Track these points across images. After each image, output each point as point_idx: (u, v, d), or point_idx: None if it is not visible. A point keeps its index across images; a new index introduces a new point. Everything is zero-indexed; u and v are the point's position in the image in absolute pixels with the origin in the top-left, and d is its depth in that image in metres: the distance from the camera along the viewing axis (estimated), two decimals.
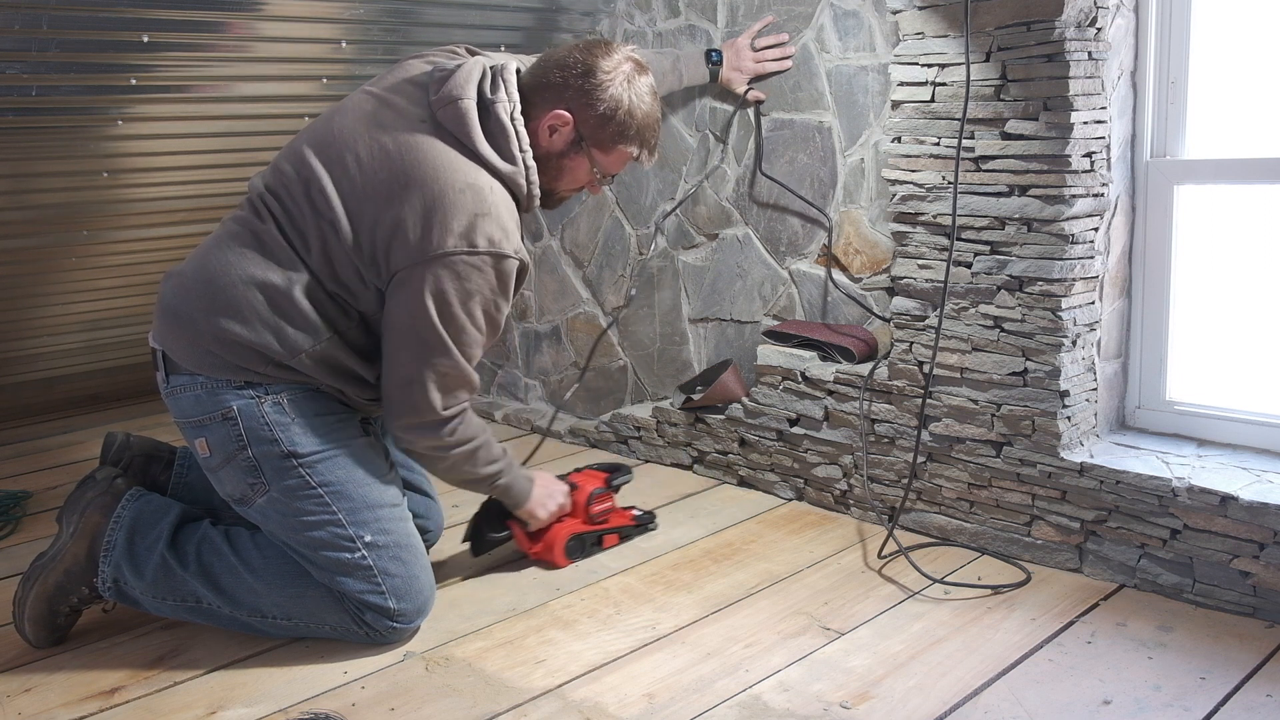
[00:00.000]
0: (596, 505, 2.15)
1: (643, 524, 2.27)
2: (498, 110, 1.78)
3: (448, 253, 1.70)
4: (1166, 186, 2.01)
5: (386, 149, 1.75)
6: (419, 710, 1.63)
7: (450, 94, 1.76)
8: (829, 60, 2.33)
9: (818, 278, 2.44)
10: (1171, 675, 1.65)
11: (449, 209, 1.70)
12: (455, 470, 1.90)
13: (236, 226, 1.82)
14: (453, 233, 1.70)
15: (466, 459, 1.88)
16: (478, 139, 1.75)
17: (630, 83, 1.83)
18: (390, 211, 1.72)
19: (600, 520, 2.17)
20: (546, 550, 2.11)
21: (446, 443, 1.84)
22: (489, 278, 1.74)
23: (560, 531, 2.10)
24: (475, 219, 1.71)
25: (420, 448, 1.85)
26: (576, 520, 2.14)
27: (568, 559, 2.11)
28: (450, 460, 1.87)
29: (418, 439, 1.84)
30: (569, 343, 3.08)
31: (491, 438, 1.93)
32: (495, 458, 1.93)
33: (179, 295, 1.81)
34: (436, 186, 1.71)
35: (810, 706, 1.60)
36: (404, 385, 1.78)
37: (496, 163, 1.76)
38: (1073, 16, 1.86)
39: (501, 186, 1.77)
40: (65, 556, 1.80)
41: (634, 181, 2.79)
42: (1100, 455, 1.97)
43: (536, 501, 2.05)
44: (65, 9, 2.04)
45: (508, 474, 1.97)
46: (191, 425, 1.80)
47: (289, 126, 2.62)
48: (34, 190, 2.55)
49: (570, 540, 2.11)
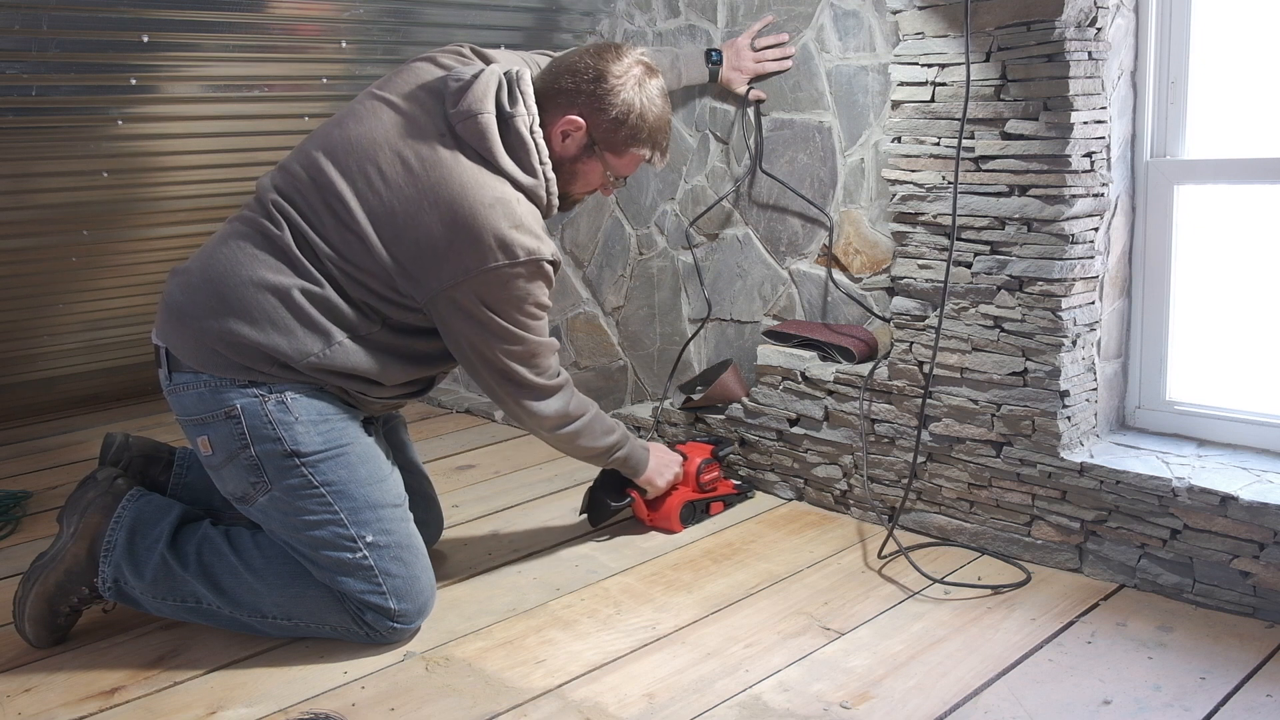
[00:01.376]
0: (706, 474, 2.31)
1: (743, 492, 2.42)
2: (517, 124, 1.79)
3: (490, 268, 1.75)
4: (1166, 186, 2.01)
5: (409, 164, 1.76)
6: (419, 710, 1.63)
7: (469, 108, 1.77)
8: (829, 60, 2.33)
9: (818, 278, 2.44)
10: (1171, 675, 1.65)
11: (482, 226, 1.73)
12: (576, 444, 2.01)
13: (245, 227, 1.82)
14: (491, 248, 1.74)
15: (584, 431, 2.00)
16: (499, 154, 1.77)
17: (641, 86, 1.85)
18: (423, 231, 1.74)
19: (710, 489, 2.33)
20: (664, 518, 2.26)
21: (570, 414, 1.96)
22: (532, 281, 1.80)
23: (675, 499, 2.25)
24: (509, 232, 1.74)
25: (548, 427, 1.96)
26: (688, 489, 2.29)
27: (682, 525, 2.27)
28: (573, 434, 1.99)
29: (543, 419, 1.93)
30: (569, 343, 3.08)
31: (603, 413, 2.05)
32: (611, 428, 2.07)
33: (185, 293, 1.81)
34: (467, 205, 1.73)
35: (810, 706, 1.60)
36: (504, 380, 1.87)
37: (519, 176, 1.79)
38: (1073, 16, 1.87)
39: (525, 197, 1.80)
40: (66, 556, 1.81)
41: (634, 182, 2.79)
42: (1100, 455, 1.97)
43: (655, 470, 2.18)
44: (65, 9, 2.04)
45: (626, 444, 2.10)
46: (194, 423, 1.80)
47: (289, 127, 2.62)
48: (34, 190, 2.55)
49: (684, 508, 2.27)
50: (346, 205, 1.76)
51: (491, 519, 2.42)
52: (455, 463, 2.81)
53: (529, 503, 2.50)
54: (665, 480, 2.21)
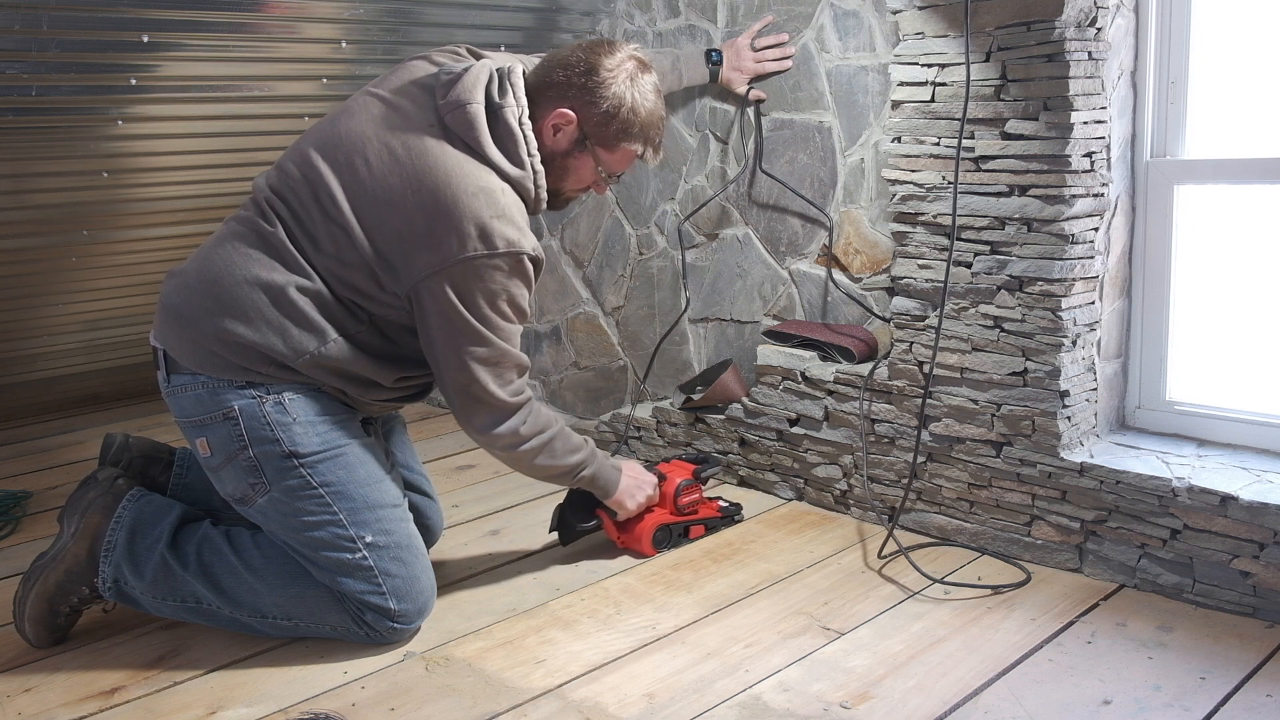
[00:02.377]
0: (685, 497, 2.19)
1: (729, 515, 2.29)
2: (505, 115, 1.78)
3: (468, 257, 1.72)
4: (1166, 186, 2.01)
5: (395, 154, 1.75)
6: (419, 710, 1.63)
7: (458, 98, 1.77)
8: (829, 60, 2.33)
9: (818, 278, 2.44)
10: (1171, 675, 1.65)
11: (464, 214, 1.71)
12: (537, 463, 1.92)
13: (240, 227, 1.82)
14: (470, 236, 1.71)
15: (543, 449, 1.91)
16: (486, 144, 1.76)
17: (633, 80, 1.83)
18: (404, 218, 1.72)
19: (688, 511, 2.21)
20: (635, 540, 2.14)
21: (522, 435, 1.87)
22: (512, 276, 1.77)
23: (649, 522, 2.14)
24: (490, 222, 1.72)
25: (500, 446, 1.88)
26: (665, 511, 2.18)
27: (656, 549, 2.15)
28: (529, 454, 1.90)
29: (496, 438, 1.86)
30: (569, 343, 3.08)
31: (568, 430, 1.97)
32: (576, 447, 1.97)
33: (181, 295, 1.81)
34: (450, 192, 1.72)
35: (810, 706, 1.60)
36: (462, 389, 1.81)
37: (505, 167, 1.77)
38: (1073, 16, 1.87)
39: (511, 189, 1.78)
40: (66, 556, 1.81)
41: (634, 181, 2.79)
42: (1100, 455, 1.97)
43: (625, 492, 2.08)
44: (65, 9, 2.04)
45: (592, 464, 2.00)
46: (192, 425, 1.80)
47: (289, 126, 2.62)
48: (34, 190, 2.55)
49: (658, 531, 2.15)
50: (334, 198, 1.75)
51: (491, 519, 2.42)
52: (455, 463, 2.81)
53: (529, 503, 2.50)
54: (637, 502, 2.10)
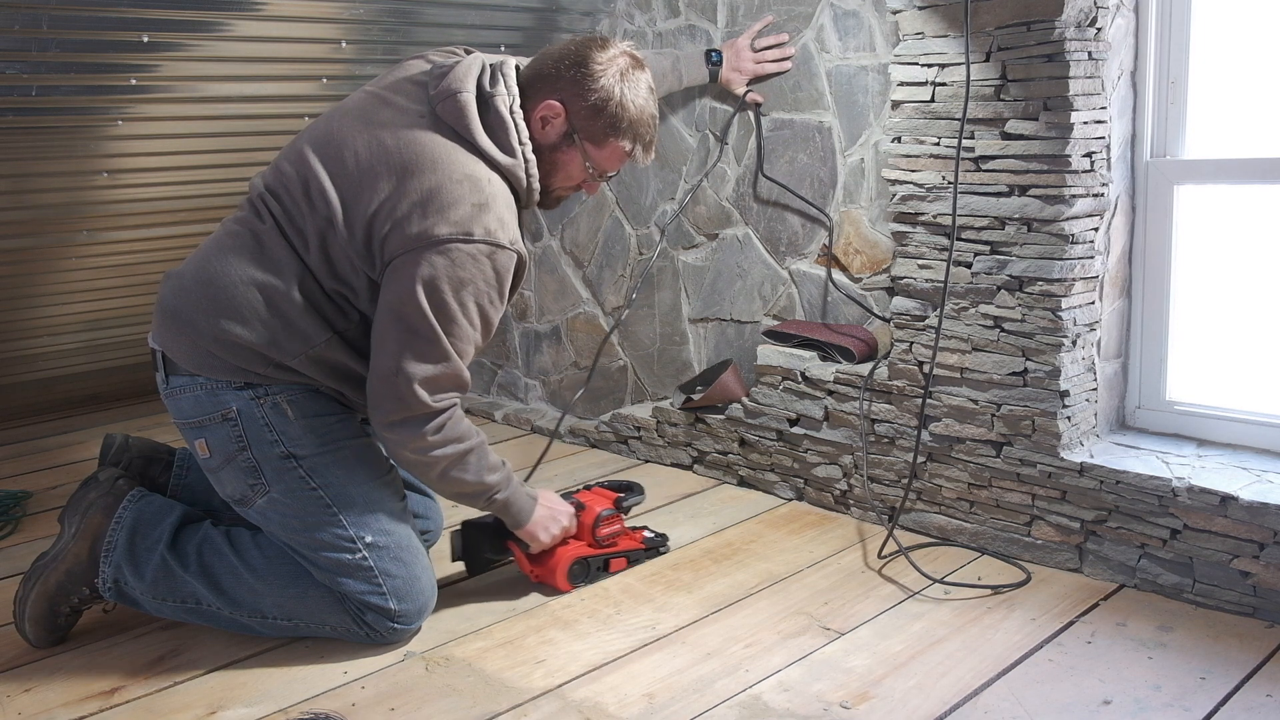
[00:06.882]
0: (604, 528, 2.04)
1: (653, 547, 2.15)
2: (497, 103, 1.77)
3: (443, 239, 1.68)
4: (1166, 186, 2.01)
5: (385, 143, 1.75)
6: (419, 710, 1.63)
7: (449, 88, 1.76)
8: (829, 60, 2.33)
9: (818, 278, 2.44)
10: (1171, 675, 1.65)
11: (446, 198, 1.69)
12: (446, 477, 1.79)
13: (236, 227, 1.82)
14: (449, 220, 1.69)
15: (456, 462, 1.78)
16: (476, 131, 1.75)
17: (624, 76, 1.81)
18: (385, 200, 1.70)
19: (608, 544, 2.06)
20: (549, 574, 2.00)
21: (431, 441, 1.74)
22: (484, 268, 1.72)
23: (564, 555, 1.99)
24: (473, 208, 1.70)
25: (408, 449, 1.75)
26: (582, 543, 2.03)
27: (571, 584, 2.01)
28: (438, 463, 1.77)
29: (404, 437, 1.74)
30: (569, 343, 3.08)
31: (488, 447, 1.84)
32: (492, 467, 1.84)
33: (179, 296, 1.81)
34: (435, 177, 1.70)
35: (810, 706, 1.60)
36: (388, 377, 1.71)
37: (495, 155, 1.76)
38: (1073, 16, 1.87)
39: (500, 179, 1.77)
40: (67, 556, 1.81)
41: (634, 181, 2.79)
42: (1100, 455, 1.97)
43: (538, 523, 1.93)
44: (65, 9, 2.04)
45: (506, 489, 1.86)
46: (191, 426, 1.80)
47: (289, 126, 2.62)
48: (34, 190, 2.55)
49: (574, 565, 2.00)
50: (323, 189, 1.74)
51: None
52: None
53: None
54: (550, 535, 1.95)
